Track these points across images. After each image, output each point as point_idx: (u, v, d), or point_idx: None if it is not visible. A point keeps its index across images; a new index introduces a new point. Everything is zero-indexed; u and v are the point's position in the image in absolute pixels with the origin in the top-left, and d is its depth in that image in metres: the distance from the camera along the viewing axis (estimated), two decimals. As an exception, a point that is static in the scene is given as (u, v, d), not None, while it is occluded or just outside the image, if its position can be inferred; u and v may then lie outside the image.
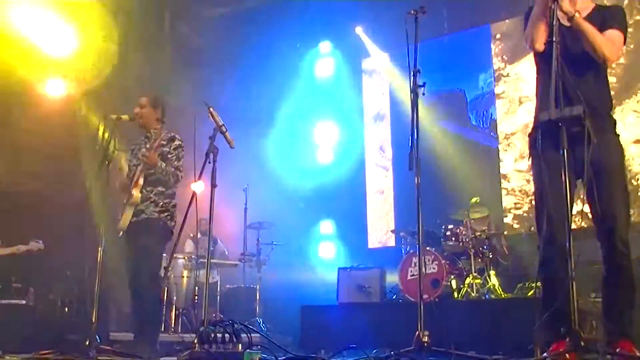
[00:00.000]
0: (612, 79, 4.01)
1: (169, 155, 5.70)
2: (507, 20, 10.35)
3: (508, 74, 10.33)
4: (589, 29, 3.65)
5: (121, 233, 5.61)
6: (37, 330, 8.31)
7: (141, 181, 5.57)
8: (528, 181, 9.50)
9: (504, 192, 9.84)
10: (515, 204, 9.70)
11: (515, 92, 10.16)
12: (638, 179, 8.35)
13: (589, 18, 3.78)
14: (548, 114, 3.34)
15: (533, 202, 8.79)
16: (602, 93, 3.81)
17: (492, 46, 10.57)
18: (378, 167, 11.51)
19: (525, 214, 9.50)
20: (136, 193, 5.54)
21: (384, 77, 11.69)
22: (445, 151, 10.16)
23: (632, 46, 8.85)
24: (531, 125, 3.98)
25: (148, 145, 5.70)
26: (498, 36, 10.55)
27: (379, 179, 11.46)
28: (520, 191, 9.72)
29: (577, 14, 3.62)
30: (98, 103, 10.19)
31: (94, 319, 5.33)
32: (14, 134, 9.92)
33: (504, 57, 10.44)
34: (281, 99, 11.63)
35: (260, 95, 11.64)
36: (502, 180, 9.89)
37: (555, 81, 3.33)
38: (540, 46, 3.76)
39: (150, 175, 5.61)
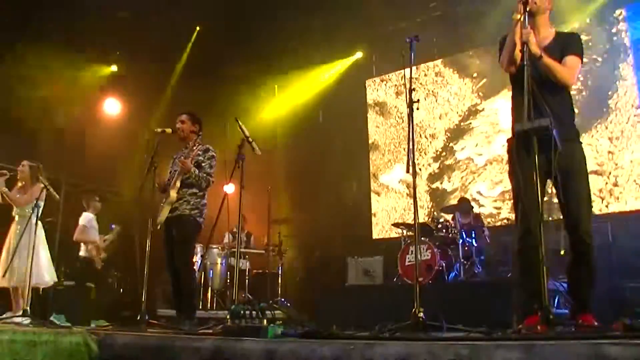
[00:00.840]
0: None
1: (203, 164, 5.73)
2: (478, 62, 10.15)
3: (484, 109, 10.03)
4: (552, 64, 3.70)
5: (159, 226, 5.65)
6: (98, 307, 8.37)
7: (178, 184, 5.62)
8: (499, 207, 9.36)
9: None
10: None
11: (490, 127, 9.84)
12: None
13: (551, 45, 3.84)
14: (521, 125, 3.37)
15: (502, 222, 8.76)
16: (566, 106, 3.84)
17: (470, 83, 10.30)
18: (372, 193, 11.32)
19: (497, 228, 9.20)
20: (173, 193, 5.59)
21: (377, 107, 11.59)
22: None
23: (589, 82, 8.74)
24: (505, 157, 4.02)
25: (185, 154, 5.75)
26: (475, 75, 10.23)
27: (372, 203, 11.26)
28: (489, 215, 9.49)
29: (542, 56, 3.66)
30: (147, 118, 10.28)
31: (143, 299, 5.35)
32: (81, 145, 10.03)
33: (480, 93, 10.13)
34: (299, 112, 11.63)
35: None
36: (477, 205, 9.47)
37: (527, 97, 3.35)
38: (513, 69, 3.79)
39: (186, 179, 5.64)
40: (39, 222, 6.65)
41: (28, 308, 6.12)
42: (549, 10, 3.96)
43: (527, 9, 3.64)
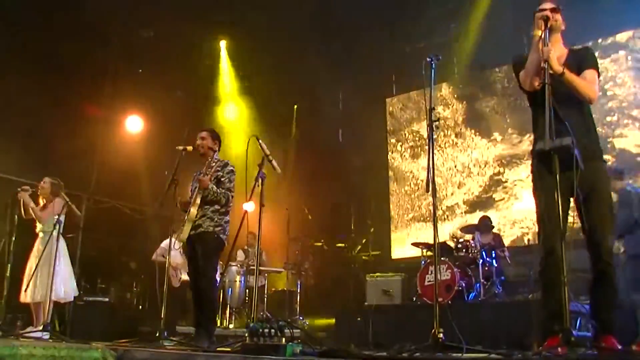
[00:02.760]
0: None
1: (222, 179, 5.71)
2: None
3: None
4: (575, 80, 3.65)
5: (181, 244, 5.66)
6: (117, 322, 8.41)
7: (198, 201, 5.58)
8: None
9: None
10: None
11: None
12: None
13: (567, 62, 3.77)
14: (543, 144, 3.34)
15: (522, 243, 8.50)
16: (586, 124, 3.77)
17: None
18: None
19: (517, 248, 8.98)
20: (193, 210, 5.56)
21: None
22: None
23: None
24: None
25: (207, 171, 5.77)
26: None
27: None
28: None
29: (565, 72, 3.61)
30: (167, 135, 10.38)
31: (162, 315, 5.36)
32: (103, 161, 10.16)
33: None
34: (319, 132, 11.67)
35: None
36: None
37: (548, 116, 3.32)
38: (533, 87, 3.75)
39: (207, 196, 5.64)
40: (61, 237, 6.73)
41: (48, 322, 6.17)
42: (562, 29, 3.91)
43: (548, 26, 3.63)
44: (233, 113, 12.00)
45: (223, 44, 11.50)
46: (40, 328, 6.13)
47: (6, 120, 8.55)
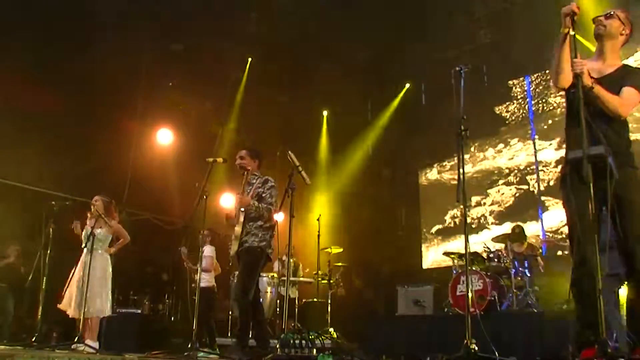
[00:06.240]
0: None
1: (263, 195, 5.79)
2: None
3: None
4: (603, 94, 3.59)
5: (231, 262, 5.73)
6: (149, 334, 8.48)
7: (241, 219, 5.69)
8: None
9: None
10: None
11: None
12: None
13: (613, 75, 3.73)
14: (575, 152, 3.30)
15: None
16: (621, 132, 3.70)
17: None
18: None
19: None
20: (237, 229, 5.69)
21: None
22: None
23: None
24: None
25: (248, 189, 5.86)
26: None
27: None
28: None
29: (594, 87, 3.56)
30: (198, 147, 10.48)
31: (194, 327, 5.39)
32: (133, 174, 10.29)
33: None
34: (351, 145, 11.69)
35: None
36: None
37: (582, 126, 3.28)
38: (562, 86, 3.71)
39: (250, 214, 5.71)
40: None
41: (89, 336, 6.27)
42: (624, 38, 3.83)
43: (574, 24, 3.53)
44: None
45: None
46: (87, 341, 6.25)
47: (38, 134, 8.71)
